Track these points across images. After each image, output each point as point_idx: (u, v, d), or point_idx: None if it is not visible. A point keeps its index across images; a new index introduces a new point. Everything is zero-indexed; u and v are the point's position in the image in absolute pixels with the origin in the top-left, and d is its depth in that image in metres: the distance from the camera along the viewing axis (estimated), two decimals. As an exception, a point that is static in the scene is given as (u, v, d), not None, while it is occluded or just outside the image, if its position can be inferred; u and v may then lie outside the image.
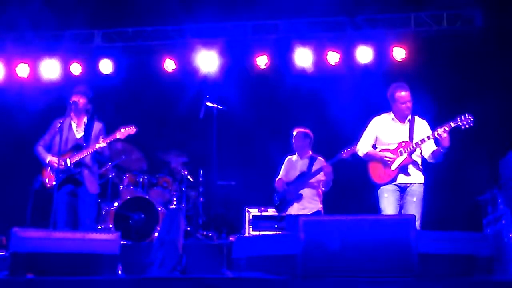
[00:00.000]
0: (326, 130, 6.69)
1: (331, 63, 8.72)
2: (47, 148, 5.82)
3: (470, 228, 6.75)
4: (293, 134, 6.47)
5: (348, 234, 3.47)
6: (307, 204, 6.22)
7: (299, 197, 6.24)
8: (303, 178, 6.29)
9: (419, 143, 5.20)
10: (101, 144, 5.66)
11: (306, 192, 6.26)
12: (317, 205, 6.25)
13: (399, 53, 8.52)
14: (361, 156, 5.52)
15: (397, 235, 3.42)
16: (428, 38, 8.57)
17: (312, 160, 6.32)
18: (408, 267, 3.34)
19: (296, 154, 6.50)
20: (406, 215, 4.80)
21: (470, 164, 7.45)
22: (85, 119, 5.89)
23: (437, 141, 5.17)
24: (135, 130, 5.80)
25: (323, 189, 6.30)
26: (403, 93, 5.30)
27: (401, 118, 5.39)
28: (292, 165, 6.47)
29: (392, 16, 8.62)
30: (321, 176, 6.25)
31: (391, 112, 5.44)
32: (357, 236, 3.46)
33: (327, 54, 8.70)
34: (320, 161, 6.32)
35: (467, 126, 5.00)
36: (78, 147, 5.74)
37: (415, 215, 3.79)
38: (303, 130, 6.46)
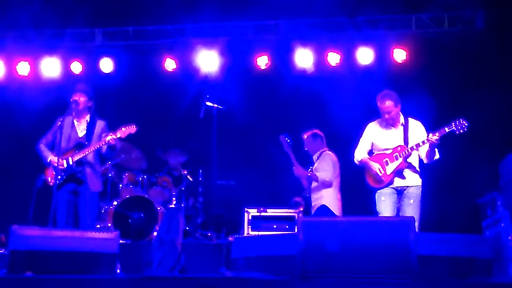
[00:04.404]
0: (326, 131, 6.68)
1: (331, 64, 8.70)
2: (50, 147, 5.76)
3: (469, 230, 6.72)
4: None
5: (347, 235, 3.47)
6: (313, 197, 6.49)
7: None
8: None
9: (414, 147, 5.21)
10: (111, 137, 5.59)
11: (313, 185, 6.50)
12: (320, 200, 6.34)
13: (399, 55, 8.50)
14: (357, 163, 5.58)
15: (396, 236, 3.41)
16: (429, 40, 8.56)
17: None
18: (407, 269, 3.34)
19: None
20: (405, 217, 4.79)
21: (469, 167, 7.45)
22: (87, 118, 5.85)
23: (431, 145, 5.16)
24: (135, 129, 5.76)
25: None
26: (384, 104, 5.32)
27: (392, 123, 5.39)
28: None
29: (393, 17, 8.61)
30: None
31: None
32: (356, 238, 3.45)
33: (327, 55, 8.69)
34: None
35: (461, 131, 5.00)
36: (80, 145, 5.69)
37: (414, 217, 3.79)
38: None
